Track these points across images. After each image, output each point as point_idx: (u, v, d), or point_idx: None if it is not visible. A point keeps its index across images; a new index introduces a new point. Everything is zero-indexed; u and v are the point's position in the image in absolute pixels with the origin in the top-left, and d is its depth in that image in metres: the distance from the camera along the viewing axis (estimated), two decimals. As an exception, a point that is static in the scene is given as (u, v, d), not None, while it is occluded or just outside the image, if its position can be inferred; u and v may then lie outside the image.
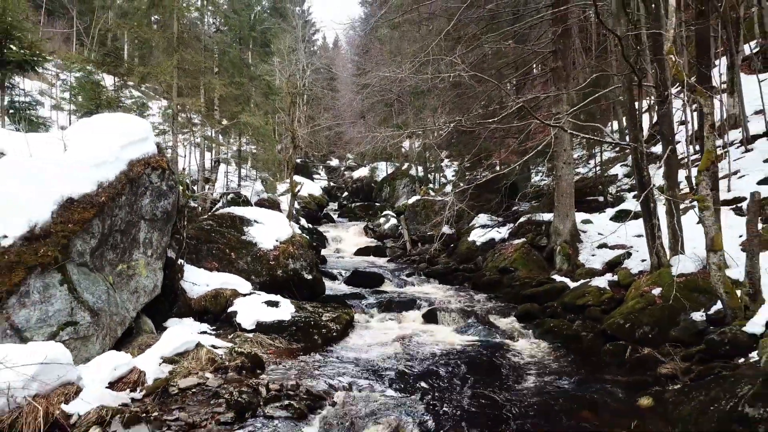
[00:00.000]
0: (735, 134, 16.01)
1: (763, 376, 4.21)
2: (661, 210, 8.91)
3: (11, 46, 7.20)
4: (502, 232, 13.76)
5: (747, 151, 14.63)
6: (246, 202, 14.29)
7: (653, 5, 8.10)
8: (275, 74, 16.74)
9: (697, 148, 17.20)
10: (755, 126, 15.78)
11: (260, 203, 16.02)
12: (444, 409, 5.12)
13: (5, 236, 4.81)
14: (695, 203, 6.59)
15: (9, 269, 4.72)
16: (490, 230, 13.91)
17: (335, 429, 4.84)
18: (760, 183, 11.72)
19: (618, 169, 17.02)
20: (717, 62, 19.55)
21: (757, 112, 16.24)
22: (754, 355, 5.24)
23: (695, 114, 18.33)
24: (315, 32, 53.04)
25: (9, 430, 4.08)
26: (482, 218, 14.89)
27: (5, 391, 4.10)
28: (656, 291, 7.59)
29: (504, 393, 5.53)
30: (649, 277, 8.01)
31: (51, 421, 4.30)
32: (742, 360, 5.45)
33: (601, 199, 14.98)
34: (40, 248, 4.92)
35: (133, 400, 5.14)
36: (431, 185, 23.42)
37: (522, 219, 13.30)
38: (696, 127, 17.87)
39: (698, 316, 6.96)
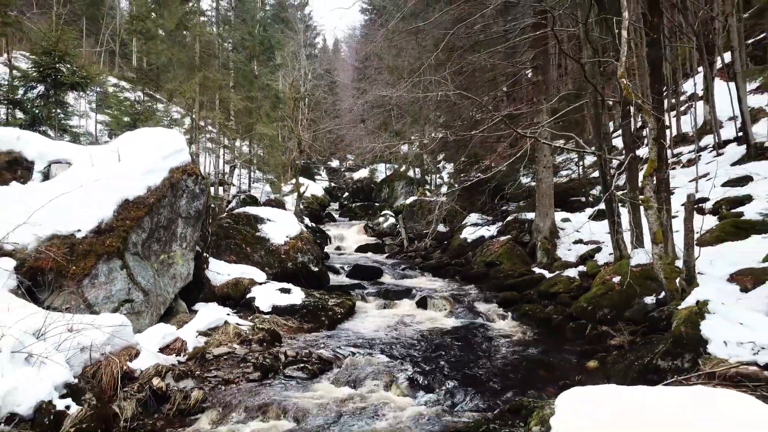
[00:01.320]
0: (710, 139, 17.23)
1: (672, 337, 5.44)
2: (626, 209, 10.12)
3: (63, 69, 8.43)
4: (491, 230, 14.99)
5: (718, 155, 15.86)
6: (257, 202, 15.51)
7: (617, 31, 9.32)
8: (279, 81, 17.99)
9: (676, 151, 18.49)
10: (729, 131, 17.02)
11: (268, 203, 17.22)
12: (429, 369, 6.35)
13: (79, 230, 6.04)
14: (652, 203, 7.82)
15: (84, 256, 5.95)
16: (480, 228, 15.13)
17: (341, 384, 6.05)
18: (724, 185, 12.96)
19: (602, 172, 18.24)
20: (699, 69, 20.71)
21: (731, 118, 17.41)
22: (681, 327, 6.46)
23: (674, 120, 19.60)
24: (316, 36, 54.35)
25: (92, 378, 5.29)
26: (473, 217, 16.10)
27: (89, 347, 5.32)
28: (616, 279, 8.80)
29: (479, 358, 6.76)
30: (611, 268, 9.24)
31: (122, 373, 5.52)
32: (674, 332, 6.68)
33: (583, 199, 16.22)
34: (106, 240, 6.15)
35: (179, 362, 6.37)
36: (428, 186, 24.62)
37: (509, 218, 14.55)
38: (675, 132, 19.16)
39: (649, 300, 8.17)
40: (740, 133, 15.76)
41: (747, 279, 7.65)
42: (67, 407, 4.60)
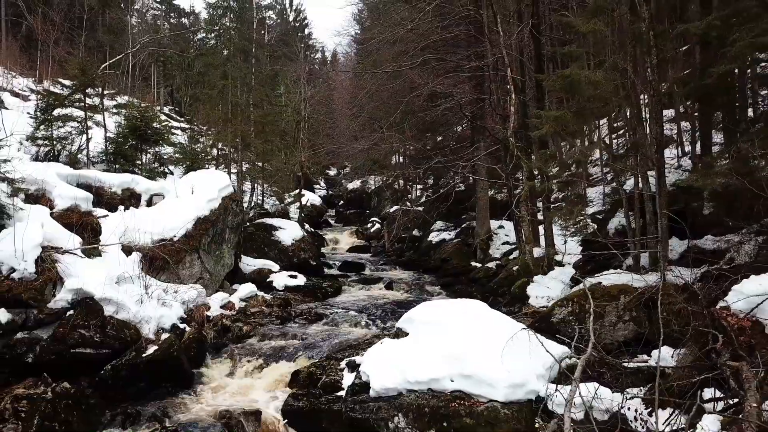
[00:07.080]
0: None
1: (511, 295, 9.73)
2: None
3: (148, 130, 12.67)
4: (452, 234, 19.30)
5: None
6: (269, 213, 19.79)
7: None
8: (284, 117, 22.46)
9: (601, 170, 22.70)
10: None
11: (278, 213, 21.48)
12: (380, 317, 10.66)
13: (175, 236, 10.35)
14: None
15: (178, 251, 10.25)
16: (443, 233, 19.46)
17: (328, 325, 10.34)
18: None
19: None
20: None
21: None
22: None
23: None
24: (315, 53, 58.77)
25: (190, 316, 9.55)
26: (439, 224, 20.41)
27: (187, 300, 9.59)
28: (515, 267, 13.09)
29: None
30: (516, 260, 13.54)
31: (204, 318, 9.79)
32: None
33: (526, 210, 20.51)
34: (189, 241, 10.46)
35: (232, 314, 10.65)
36: (410, 196, 28.93)
37: (464, 225, 18.90)
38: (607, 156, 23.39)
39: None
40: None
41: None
42: (185, 328, 8.89)
